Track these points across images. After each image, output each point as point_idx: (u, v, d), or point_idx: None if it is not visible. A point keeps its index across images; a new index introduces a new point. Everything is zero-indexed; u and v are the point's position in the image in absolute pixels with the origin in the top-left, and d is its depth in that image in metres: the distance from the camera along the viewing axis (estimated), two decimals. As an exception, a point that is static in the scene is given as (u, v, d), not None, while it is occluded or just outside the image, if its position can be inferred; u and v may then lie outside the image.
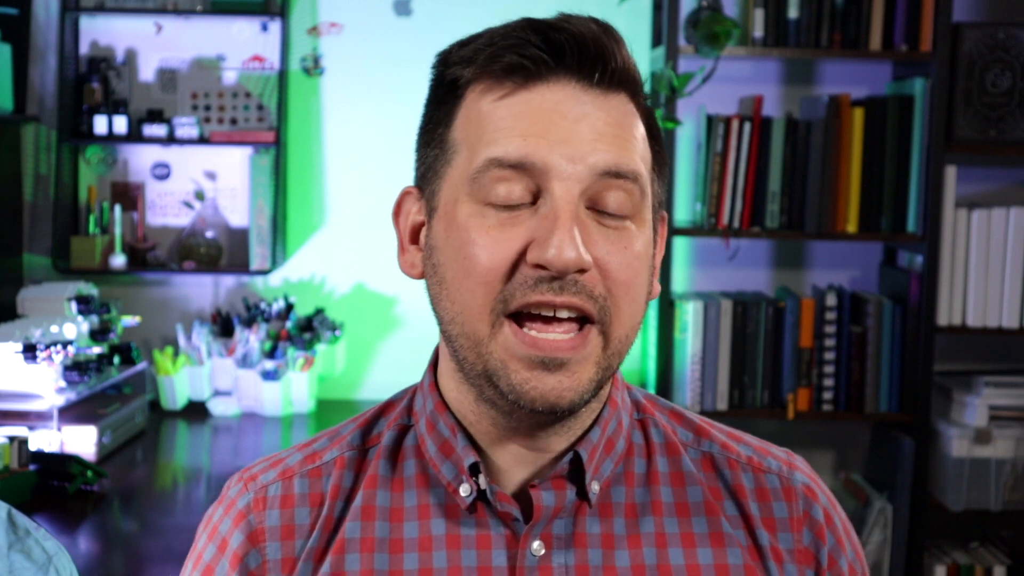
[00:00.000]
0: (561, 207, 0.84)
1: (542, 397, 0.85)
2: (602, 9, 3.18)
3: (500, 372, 0.85)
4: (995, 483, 3.00)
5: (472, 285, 0.85)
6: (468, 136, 0.88)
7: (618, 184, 0.86)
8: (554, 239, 0.83)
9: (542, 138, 0.85)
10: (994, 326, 3.00)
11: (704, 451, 0.97)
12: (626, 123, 0.88)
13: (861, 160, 2.98)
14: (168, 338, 3.29)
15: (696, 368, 3.00)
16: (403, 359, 3.30)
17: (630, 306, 0.87)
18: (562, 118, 0.85)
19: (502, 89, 0.87)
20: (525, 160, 0.84)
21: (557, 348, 0.84)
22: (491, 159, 0.85)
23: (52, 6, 3.24)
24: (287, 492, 0.94)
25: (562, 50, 0.85)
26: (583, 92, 0.86)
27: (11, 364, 2.56)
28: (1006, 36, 2.95)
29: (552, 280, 0.84)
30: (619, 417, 0.95)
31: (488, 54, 0.86)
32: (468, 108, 0.88)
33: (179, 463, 2.80)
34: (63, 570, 1.14)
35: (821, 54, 2.98)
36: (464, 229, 0.86)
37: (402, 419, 0.97)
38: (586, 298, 0.85)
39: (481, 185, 0.86)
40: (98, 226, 3.23)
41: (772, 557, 0.93)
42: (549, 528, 0.90)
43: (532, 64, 0.85)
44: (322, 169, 3.30)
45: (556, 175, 0.84)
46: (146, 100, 3.28)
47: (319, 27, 3.28)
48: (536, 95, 0.86)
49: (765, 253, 3.30)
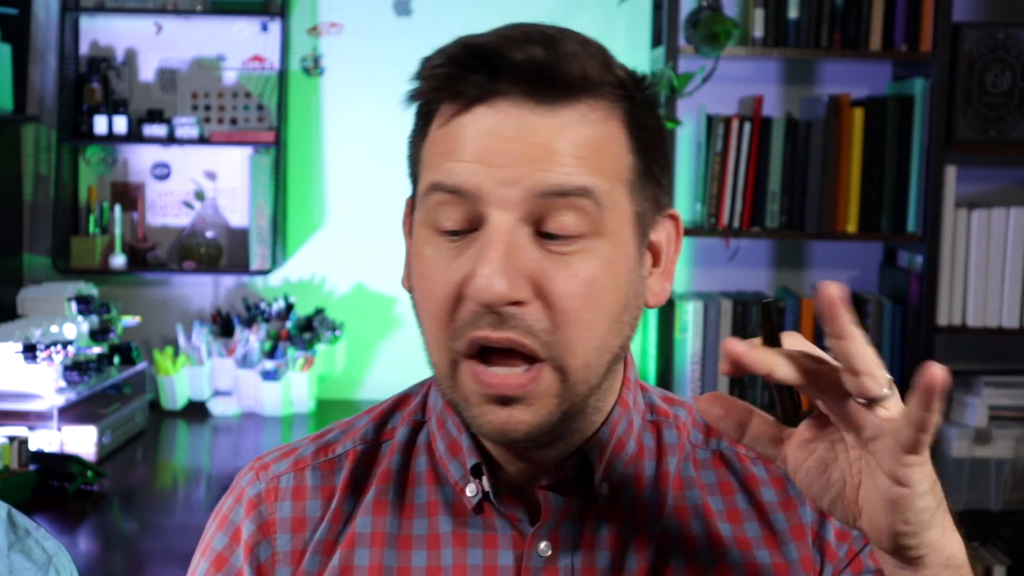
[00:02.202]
0: (492, 236, 0.80)
1: (497, 430, 0.83)
2: (602, 9, 3.18)
3: (463, 405, 0.85)
4: (995, 483, 3.00)
5: (428, 319, 0.85)
6: (425, 157, 0.87)
7: (565, 203, 0.81)
8: (483, 270, 0.79)
9: (476, 162, 0.81)
10: (994, 326, 3.00)
11: (714, 449, 0.96)
12: (581, 135, 0.82)
13: (861, 160, 2.98)
14: (168, 338, 3.29)
15: (696, 368, 3.01)
16: (403, 359, 3.30)
17: (582, 334, 0.82)
18: (499, 140, 0.81)
19: (448, 112, 0.84)
20: (460, 186, 0.82)
21: (506, 386, 0.82)
22: (432, 183, 0.84)
23: (52, 6, 3.24)
24: (299, 484, 0.93)
25: (497, 70, 0.81)
26: (528, 110, 0.81)
27: (11, 364, 2.56)
28: (1006, 36, 2.95)
29: (491, 314, 0.80)
30: (629, 417, 0.93)
31: (428, 86, 0.85)
32: (431, 128, 0.87)
33: (179, 463, 2.80)
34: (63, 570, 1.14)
35: (821, 54, 2.98)
36: (421, 259, 0.85)
37: (416, 415, 0.96)
38: (524, 333, 0.81)
39: (427, 210, 0.84)
40: (98, 226, 3.23)
41: (793, 537, 0.92)
42: (557, 529, 0.89)
43: (471, 88, 0.82)
44: (322, 169, 3.30)
45: (491, 201, 0.81)
46: (146, 100, 3.28)
47: (319, 27, 3.28)
48: (477, 118, 0.82)
49: (765, 253, 3.30)
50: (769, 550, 0.91)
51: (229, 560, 0.93)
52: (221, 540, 0.94)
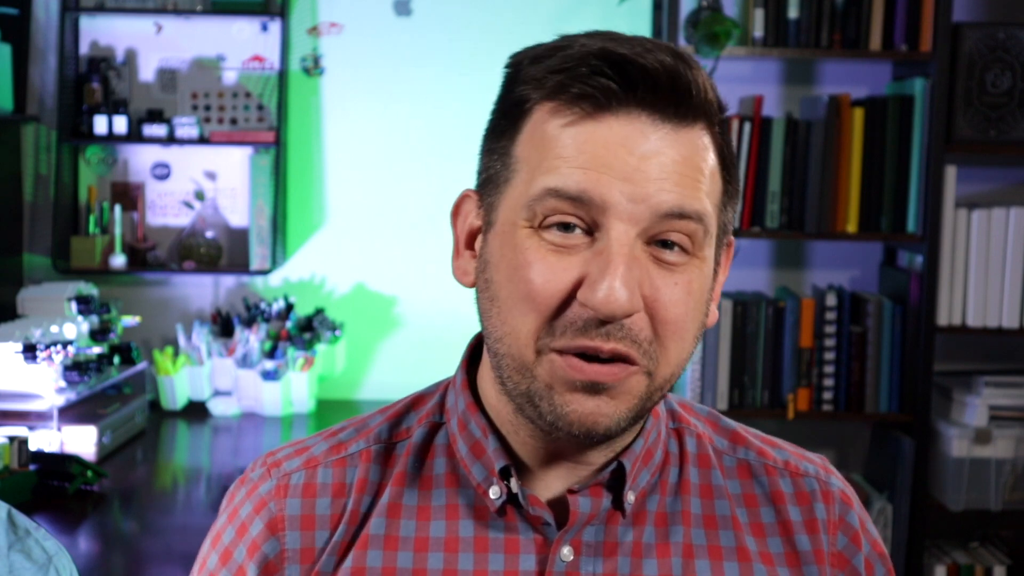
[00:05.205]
0: (615, 249, 0.82)
1: (579, 420, 0.84)
2: (602, 9, 3.17)
3: (543, 394, 0.84)
4: (995, 483, 3.00)
5: (525, 309, 0.84)
6: (531, 156, 0.85)
7: (680, 225, 0.83)
8: (604, 283, 0.81)
9: (604, 173, 0.82)
10: (994, 326, 3.00)
11: (740, 458, 0.97)
12: (697, 158, 0.84)
13: (861, 160, 2.98)
14: (168, 338, 3.29)
15: (696, 368, 3.01)
16: (403, 359, 3.30)
17: (677, 345, 0.85)
18: (628, 153, 0.82)
19: (570, 115, 0.83)
20: (584, 194, 0.82)
21: (600, 373, 0.83)
22: (549, 188, 0.83)
23: (52, 6, 3.24)
24: (310, 481, 0.93)
25: (635, 82, 0.82)
26: (654, 127, 0.83)
27: (11, 364, 2.56)
28: (1006, 36, 2.95)
29: (600, 324, 0.82)
30: (659, 428, 0.95)
31: (557, 81, 0.84)
32: (534, 127, 0.85)
33: (179, 463, 2.80)
34: (63, 570, 1.14)
35: (821, 54, 2.98)
36: (521, 251, 0.84)
37: (434, 416, 0.96)
38: (631, 343, 0.83)
39: (537, 212, 0.84)
40: (98, 226, 3.23)
41: (815, 560, 0.92)
42: (579, 535, 0.89)
43: (602, 95, 0.82)
44: (322, 169, 3.30)
45: (615, 213, 0.82)
46: (146, 100, 3.28)
47: (319, 27, 3.28)
48: (604, 127, 0.82)
49: (765, 253, 3.30)
50: (790, 568, 0.92)
51: (233, 555, 0.93)
52: (229, 534, 0.94)
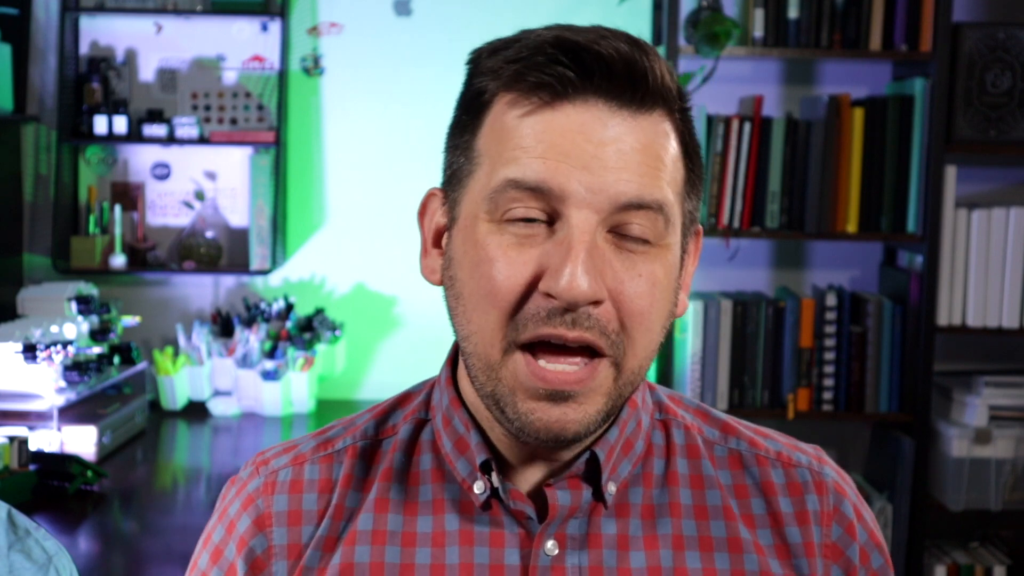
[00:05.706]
0: (576, 236, 0.82)
1: (546, 428, 0.84)
2: (602, 9, 3.18)
3: (507, 399, 0.85)
4: (995, 483, 3.00)
5: (487, 306, 0.84)
6: (491, 149, 0.85)
7: (641, 215, 0.83)
8: (567, 270, 0.81)
9: (562, 162, 0.82)
10: (994, 326, 3.00)
11: (732, 448, 0.96)
12: (656, 146, 0.84)
13: (861, 160, 2.98)
14: (168, 338, 3.29)
15: (696, 368, 3.01)
16: (403, 359, 3.30)
17: (645, 336, 0.85)
18: (586, 141, 0.82)
19: (528, 105, 0.83)
20: (543, 184, 0.82)
21: (564, 381, 0.83)
22: (510, 179, 0.83)
23: (52, 6, 3.24)
24: (297, 477, 0.94)
25: (591, 70, 0.82)
26: (611, 114, 0.83)
27: (11, 364, 2.56)
28: (1006, 36, 2.95)
29: (564, 312, 0.82)
30: (638, 417, 0.94)
31: (514, 71, 0.84)
32: (494, 119, 0.85)
33: (179, 463, 2.80)
34: (63, 570, 1.14)
35: (821, 54, 2.98)
36: (482, 247, 0.84)
37: (419, 413, 0.96)
38: (598, 334, 0.82)
39: (498, 204, 0.84)
40: (98, 226, 3.23)
41: (805, 553, 0.92)
42: (563, 528, 0.89)
43: (559, 83, 0.82)
44: (322, 169, 3.30)
45: (574, 202, 0.82)
46: (146, 100, 3.28)
47: (319, 27, 3.28)
48: (561, 115, 0.82)
49: (765, 253, 3.30)
50: (780, 560, 0.92)
51: (224, 553, 0.94)
52: (219, 533, 0.95)
